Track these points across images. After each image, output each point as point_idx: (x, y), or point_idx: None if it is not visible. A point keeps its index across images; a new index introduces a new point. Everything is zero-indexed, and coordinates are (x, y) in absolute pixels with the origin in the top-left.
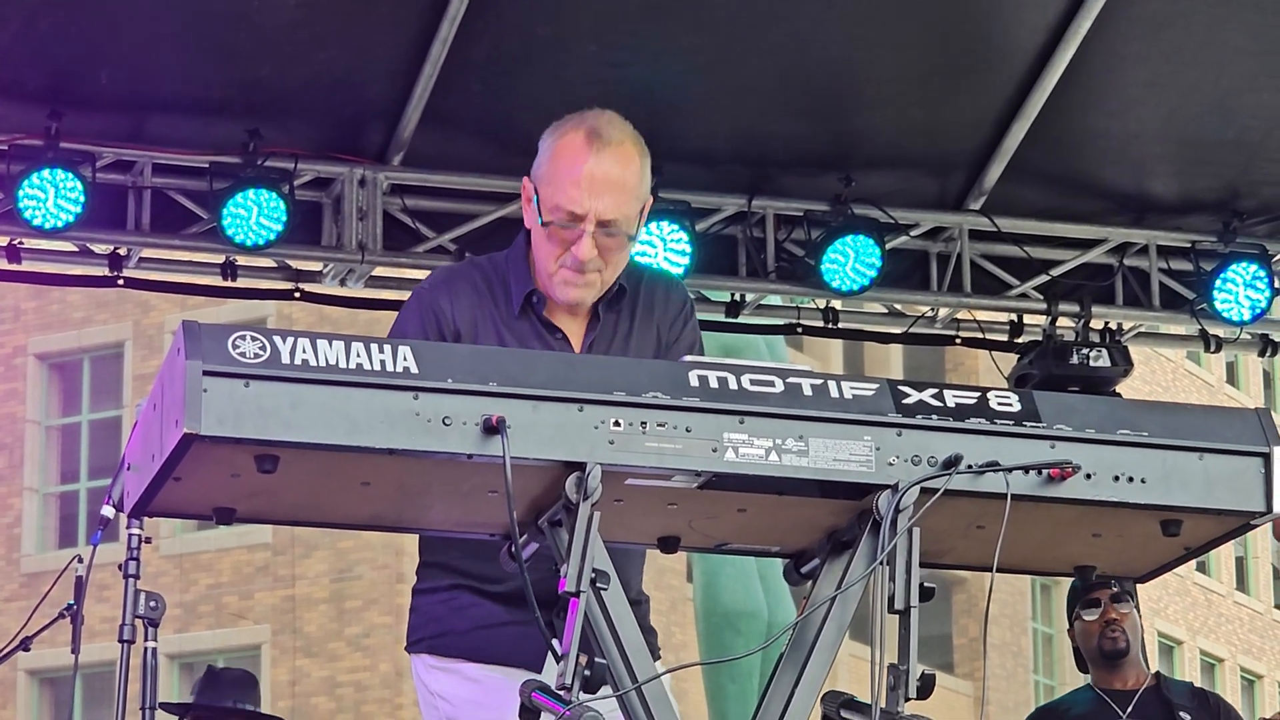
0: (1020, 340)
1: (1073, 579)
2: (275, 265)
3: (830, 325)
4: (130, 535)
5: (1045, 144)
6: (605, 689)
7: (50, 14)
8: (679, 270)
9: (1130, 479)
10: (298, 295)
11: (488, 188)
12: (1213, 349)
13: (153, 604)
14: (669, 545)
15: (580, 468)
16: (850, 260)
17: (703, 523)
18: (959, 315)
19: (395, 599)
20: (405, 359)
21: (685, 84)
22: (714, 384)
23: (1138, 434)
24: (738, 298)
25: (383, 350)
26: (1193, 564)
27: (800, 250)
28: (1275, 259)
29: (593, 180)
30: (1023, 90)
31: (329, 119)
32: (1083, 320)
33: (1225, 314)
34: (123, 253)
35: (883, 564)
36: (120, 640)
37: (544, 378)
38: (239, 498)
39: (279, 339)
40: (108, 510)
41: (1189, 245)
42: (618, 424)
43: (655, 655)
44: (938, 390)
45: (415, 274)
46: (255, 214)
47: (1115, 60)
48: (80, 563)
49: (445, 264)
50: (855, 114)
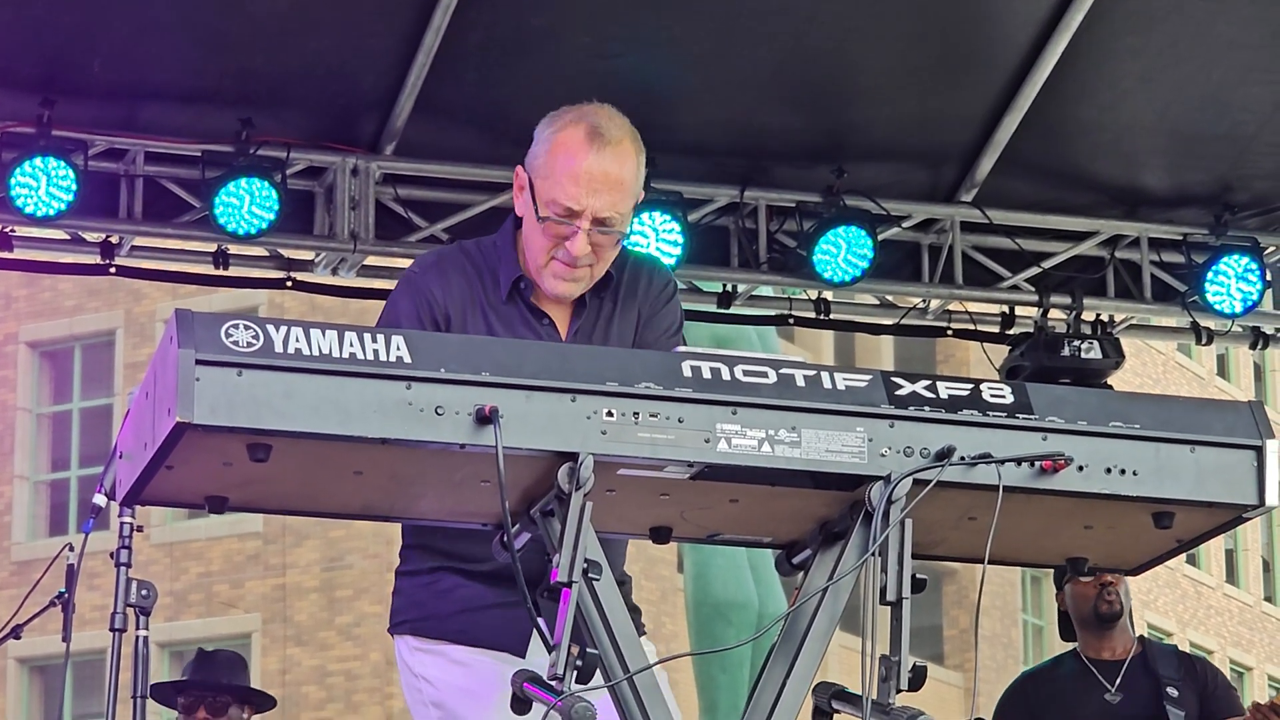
0: (1012, 332)
1: None
2: (267, 254)
3: (822, 316)
4: (121, 523)
5: (1037, 136)
6: (597, 679)
7: (43, 1)
8: (671, 260)
9: (1122, 471)
10: (290, 284)
11: (480, 177)
12: (1204, 341)
13: (144, 592)
14: (661, 535)
15: (573, 458)
16: (842, 251)
17: (695, 513)
18: (951, 307)
19: (386, 588)
20: (398, 348)
21: (678, 75)
22: (706, 375)
23: (1129, 426)
24: (730, 288)
25: (376, 340)
26: (1183, 556)
27: (792, 241)
28: (1267, 252)
29: (591, 178)
30: (1015, 83)
31: (322, 108)
32: (1074, 312)
33: (1217, 306)
34: (114, 241)
35: (875, 555)
36: (111, 628)
37: (537, 368)
38: (231, 486)
39: (272, 328)
40: (99, 498)
41: (1181, 238)
42: (610, 414)
43: (640, 632)
44: (930, 382)
45: (407, 263)
46: (247, 203)
47: (1108, 53)
48: (71, 551)
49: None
50: (848, 106)
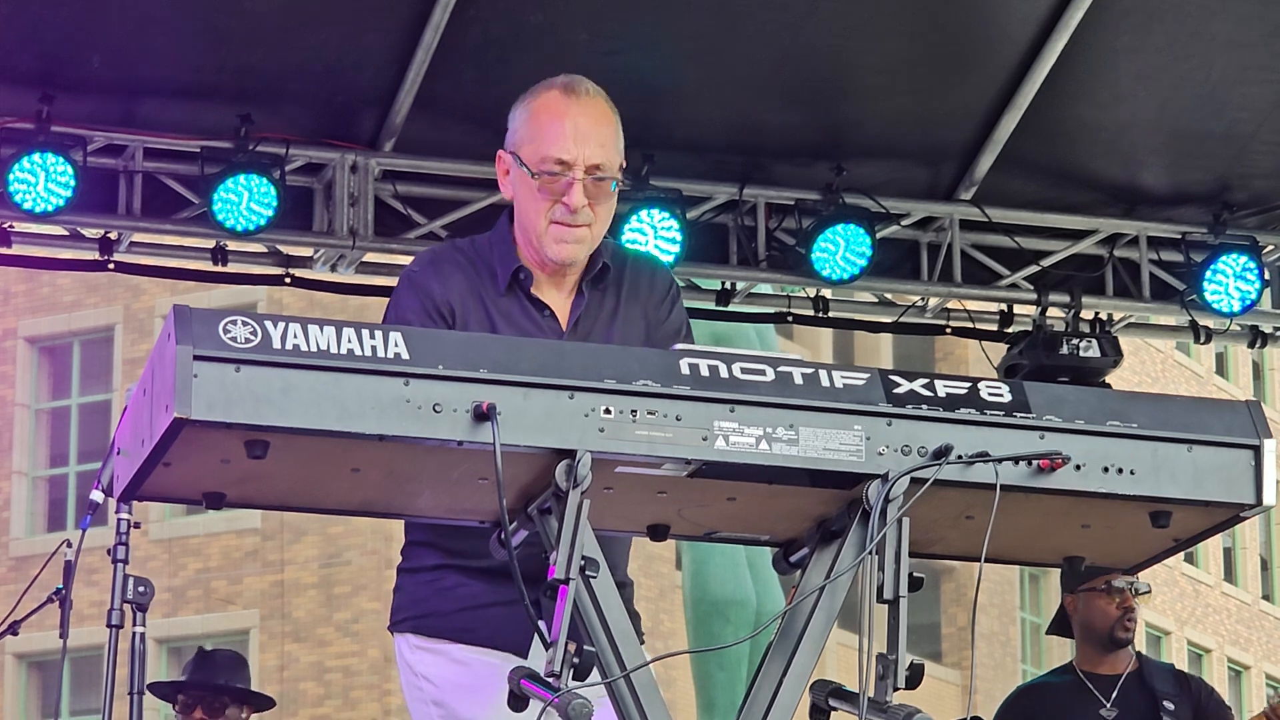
0: (1010, 330)
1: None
2: (266, 250)
3: (820, 314)
4: (119, 520)
5: (1036, 135)
6: (594, 676)
7: None
8: (669, 258)
9: (1119, 470)
10: (288, 281)
11: (479, 174)
12: (1202, 340)
13: (141, 588)
14: (658, 533)
15: (570, 455)
16: (841, 249)
17: (692, 511)
18: (949, 305)
19: (384, 584)
20: (396, 345)
21: (677, 72)
22: (705, 372)
23: (1127, 425)
24: (728, 286)
25: (374, 336)
26: (1181, 555)
27: (791, 239)
28: (1265, 250)
29: (577, 127)
30: (1014, 81)
31: (321, 104)
32: (1073, 311)
33: (1215, 305)
34: (113, 237)
35: (872, 553)
36: (108, 624)
37: (534, 365)
38: (229, 483)
39: (270, 324)
40: (97, 494)
41: (1179, 236)
42: (608, 412)
43: (640, 639)
44: (928, 380)
45: (406, 260)
46: (246, 199)
47: (1106, 52)
48: (69, 547)
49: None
50: (847, 103)
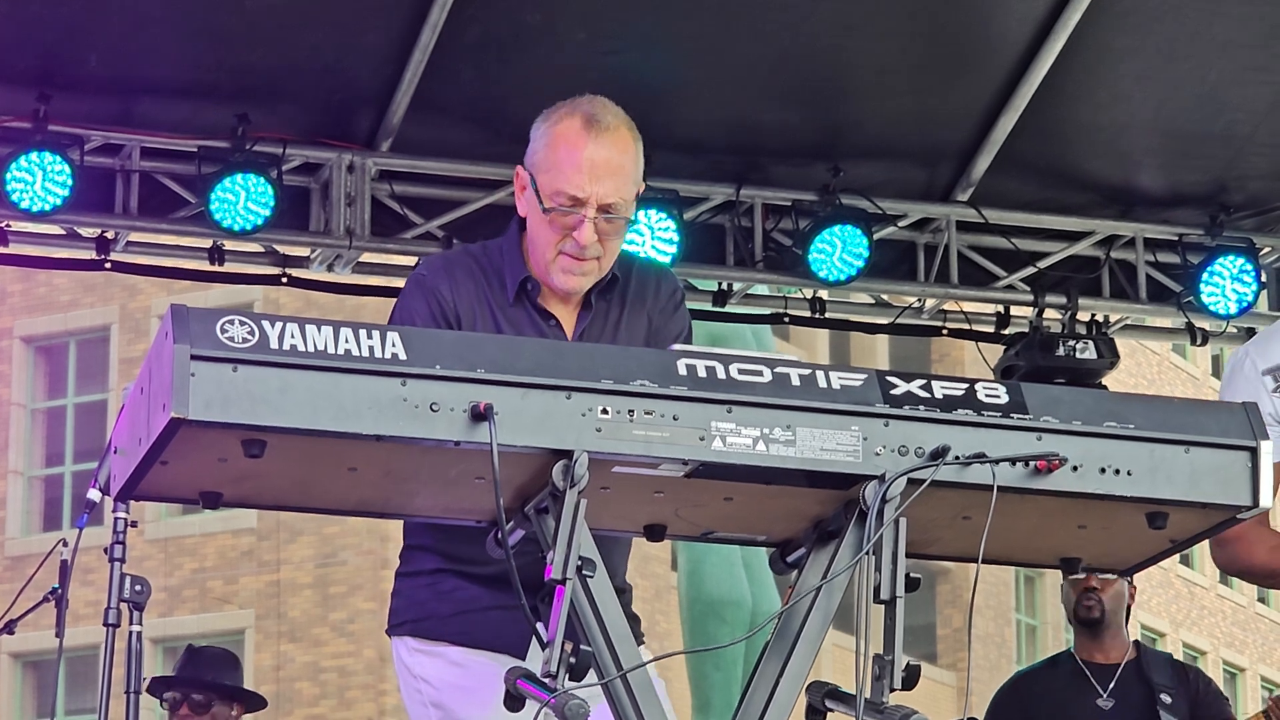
0: (1007, 332)
1: None
2: (263, 250)
3: (817, 315)
4: (115, 519)
5: (1033, 136)
6: (591, 677)
7: None
8: (666, 259)
9: (1116, 471)
10: (285, 280)
11: (476, 174)
12: (1199, 342)
13: (137, 588)
14: (655, 533)
15: (567, 455)
16: (838, 250)
17: (689, 511)
18: (946, 306)
19: (380, 585)
20: (394, 345)
21: (675, 72)
22: (702, 373)
23: (1124, 426)
24: (725, 287)
25: (371, 336)
26: (1176, 557)
27: (788, 240)
28: (1262, 253)
29: (593, 165)
30: (1011, 82)
31: (318, 104)
32: (1069, 312)
33: (1212, 307)
34: (110, 236)
35: (869, 554)
36: (105, 624)
37: (532, 365)
38: (226, 482)
39: (267, 324)
40: (93, 494)
41: (1176, 238)
42: (605, 412)
43: (639, 642)
44: (925, 381)
45: (403, 260)
46: (243, 199)
47: (1104, 53)
48: (65, 546)
49: (431, 250)
50: (844, 104)
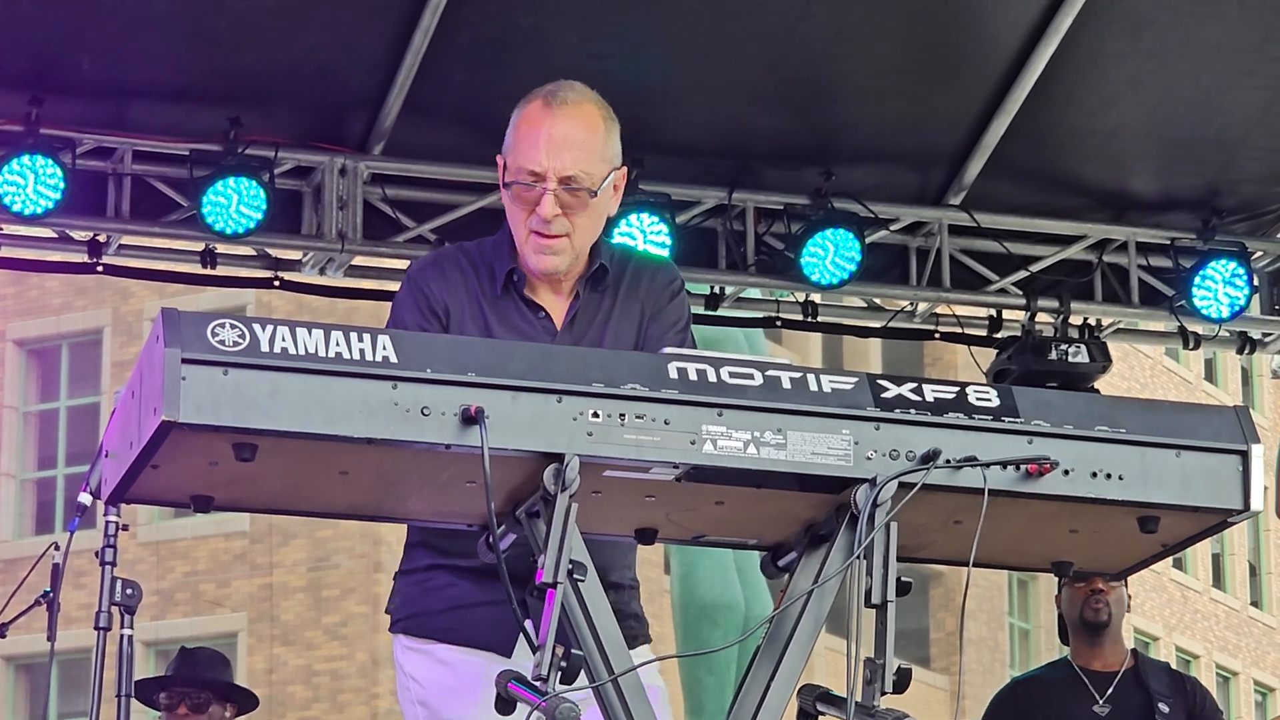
0: (999, 335)
1: None
2: (255, 253)
3: (809, 319)
4: (107, 522)
5: (1026, 140)
6: (581, 680)
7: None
8: None
9: (1108, 475)
10: (277, 284)
11: (468, 178)
12: (1191, 346)
13: (129, 591)
14: (646, 537)
15: (558, 459)
16: (830, 254)
17: (680, 514)
18: (938, 310)
19: (373, 588)
20: (384, 348)
21: (667, 76)
22: (693, 376)
23: (1115, 430)
24: (717, 290)
25: (362, 339)
26: (1169, 560)
27: (780, 244)
28: (1254, 256)
29: (550, 139)
30: (1004, 86)
31: (310, 107)
32: (1062, 316)
33: (1204, 311)
34: (102, 239)
35: (860, 558)
36: (96, 627)
37: (523, 368)
38: (217, 486)
39: (258, 327)
40: (85, 497)
41: (1168, 242)
42: (596, 415)
43: (646, 639)
44: (916, 385)
45: (395, 263)
46: (235, 202)
47: (1096, 57)
48: (57, 549)
49: (424, 254)
50: (836, 108)
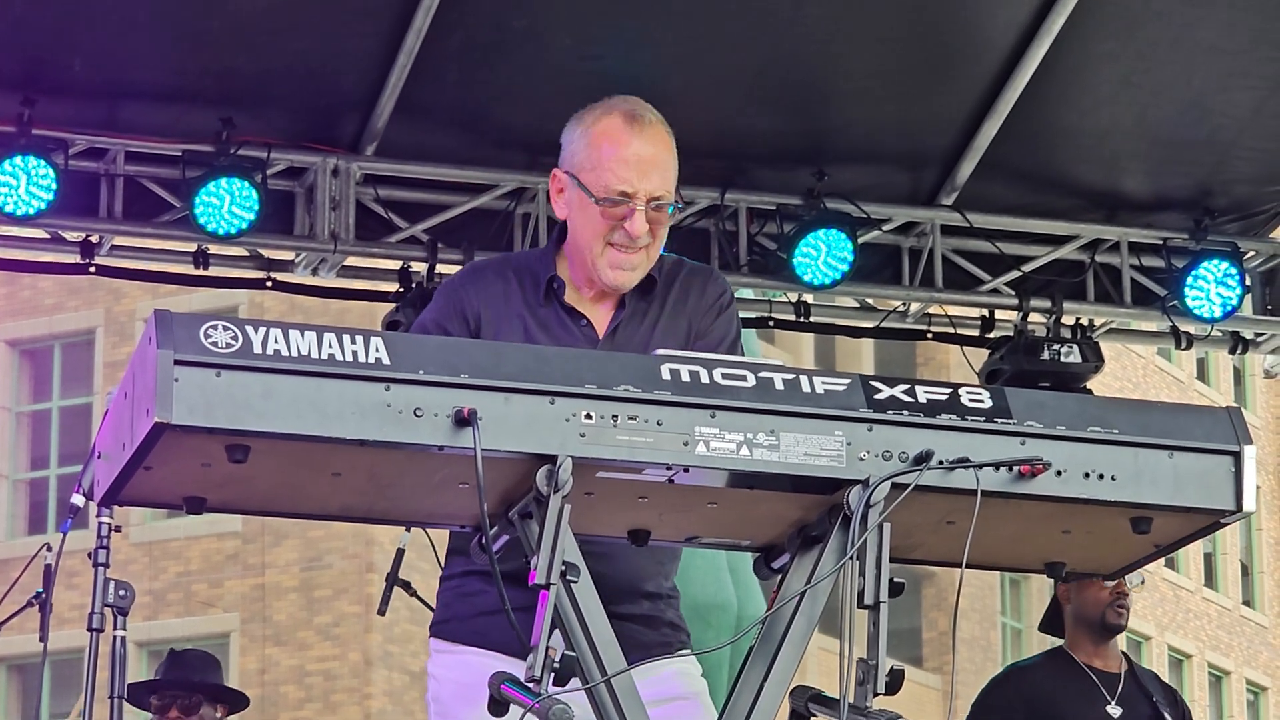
0: (992, 336)
1: None
2: (247, 254)
3: (802, 319)
4: (100, 523)
5: (1018, 140)
6: (575, 682)
7: (24, 0)
8: None
9: (1100, 476)
10: (270, 284)
11: (461, 178)
12: (1184, 346)
13: (122, 592)
14: (639, 538)
15: (551, 460)
16: (822, 254)
17: (673, 516)
18: (930, 310)
19: (365, 588)
20: (377, 350)
21: (659, 77)
22: (685, 377)
23: (1108, 431)
24: None
25: (355, 341)
26: (1161, 560)
27: (773, 244)
28: (1246, 256)
29: (640, 160)
30: (996, 87)
31: (303, 108)
32: (1054, 316)
33: (1196, 311)
34: (94, 240)
35: (853, 559)
36: (89, 628)
37: (515, 370)
38: (210, 487)
39: (251, 328)
40: (78, 498)
41: (1161, 242)
42: (589, 417)
43: (685, 647)
44: (909, 386)
45: (387, 264)
46: (228, 203)
47: (1088, 58)
48: (49, 550)
49: (416, 254)
50: (829, 108)
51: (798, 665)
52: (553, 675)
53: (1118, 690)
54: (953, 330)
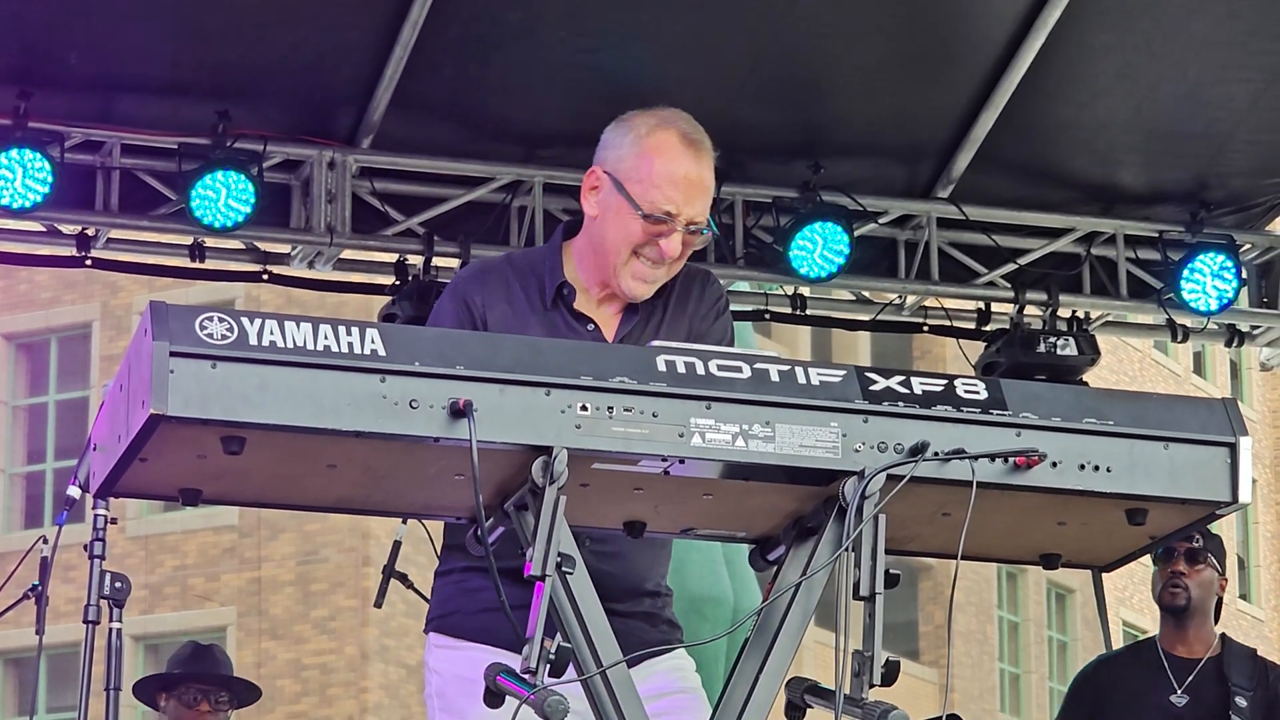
0: (987, 328)
1: None
2: (243, 247)
3: (798, 312)
4: (96, 516)
5: (1014, 133)
6: (570, 673)
7: None
8: None
9: (1096, 468)
10: (266, 277)
11: (458, 171)
12: (1180, 339)
13: (118, 585)
14: (634, 530)
15: (546, 452)
16: (818, 247)
17: (668, 507)
18: (926, 303)
19: (361, 582)
20: (373, 342)
21: (655, 70)
22: (681, 369)
23: (1104, 423)
24: None
25: (350, 333)
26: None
27: (769, 237)
28: (1243, 249)
29: (690, 184)
30: (992, 79)
31: (299, 101)
32: (1050, 309)
33: (1192, 304)
34: (91, 233)
35: (848, 550)
36: (85, 621)
37: (511, 361)
38: (205, 479)
39: (246, 320)
40: (73, 491)
41: (1157, 235)
42: (584, 408)
43: (681, 643)
44: (905, 377)
45: (384, 257)
46: (224, 196)
47: (1084, 50)
48: (46, 543)
49: (412, 247)
50: (825, 101)
51: (793, 657)
52: (548, 667)
53: (1189, 678)
54: (949, 323)
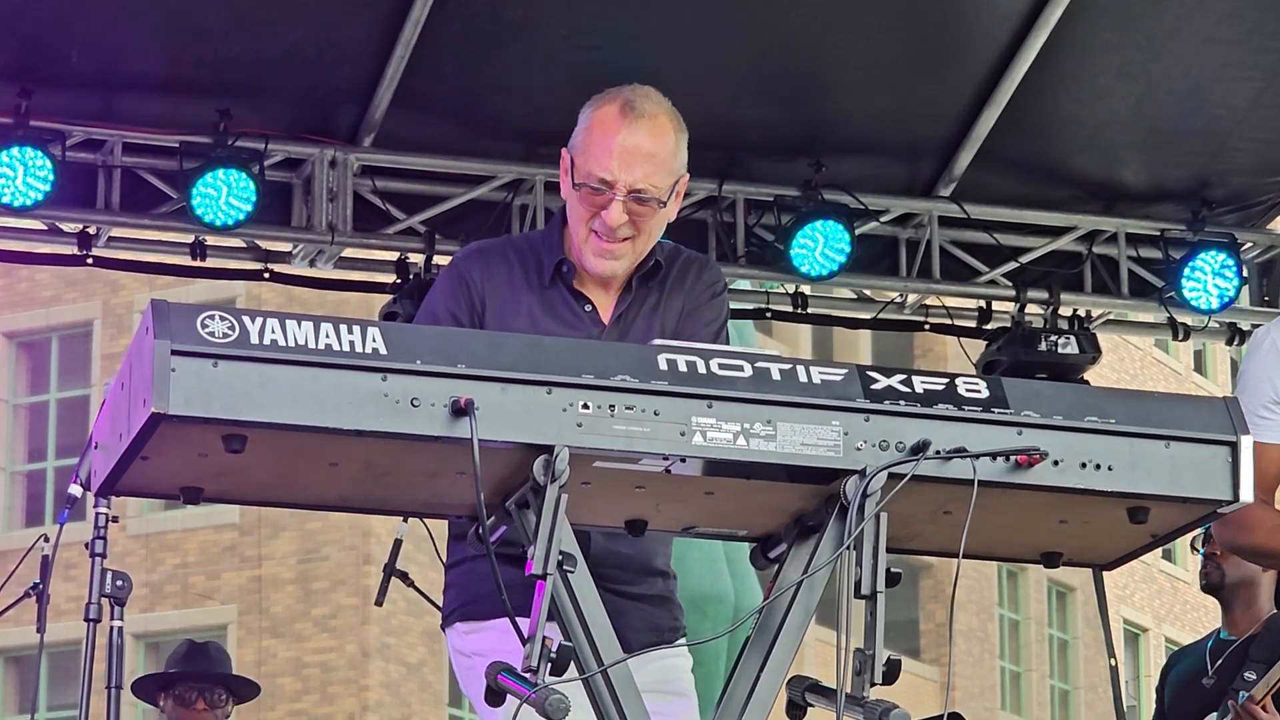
0: (989, 327)
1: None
2: (245, 245)
3: (799, 310)
4: (97, 514)
5: (1015, 131)
6: (572, 671)
7: None
8: None
9: (1097, 466)
10: (267, 276)
11: (458, 170)
12: (1181, 337)
13: (119, 583)
14: (636, 528)
15: (548, 450)
16: (820, 245)
17: (670, 506)
18: (928, 301)
19: (362, 580)
20: (374, 340)
21: (656, 68)
22: (682, 368)
23: (1105, 421)
24: None
25: (351, 331)
26: (1158, 551)
27: (770, 235)
28: (1244, 248)
29: (624, 151)
30: (994, 77)
31: (300, 99)
32: (1051, 307)
33: (1194, 302)
34: (92, 232)
35: (849, 549)
36: (86, 619)
37: (512, 360)
38: (206, 477)
39: (248, 319)
40: (75, 489)
41: (1158, 233)
42: (586, 407)
43: (680, 631)
44: (906, 376)
45: (385, 255)
46: (225, 194)
47: (1086, 48)
48: (47, 542)
49: (413, 245)
50: (826, 99)
51: (794, 655)
52: (549, 665)
53: (1220, 659)
54: (950, 321)
